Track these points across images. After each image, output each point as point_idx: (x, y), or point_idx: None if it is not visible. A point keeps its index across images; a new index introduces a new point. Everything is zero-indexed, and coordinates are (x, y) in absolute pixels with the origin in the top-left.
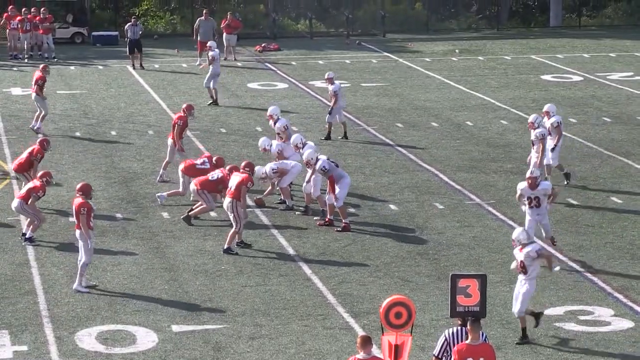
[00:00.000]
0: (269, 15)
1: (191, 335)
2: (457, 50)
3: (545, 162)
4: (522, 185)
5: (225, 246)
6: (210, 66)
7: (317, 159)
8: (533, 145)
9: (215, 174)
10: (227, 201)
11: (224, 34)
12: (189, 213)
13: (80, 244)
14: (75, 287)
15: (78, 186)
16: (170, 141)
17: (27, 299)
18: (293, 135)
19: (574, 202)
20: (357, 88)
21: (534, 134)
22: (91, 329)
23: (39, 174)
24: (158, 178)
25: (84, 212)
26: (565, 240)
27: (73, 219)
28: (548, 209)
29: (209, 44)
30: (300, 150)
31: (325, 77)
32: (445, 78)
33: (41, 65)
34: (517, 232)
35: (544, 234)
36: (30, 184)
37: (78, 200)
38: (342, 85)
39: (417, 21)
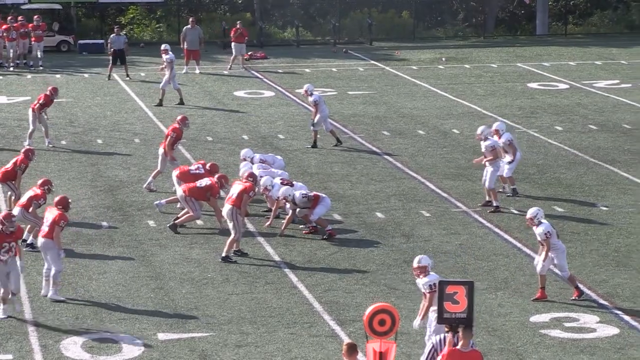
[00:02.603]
0: (256, 23)
1: (177, 343)
2: (443, 59)
3: (498, 172)
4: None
5: (224, 254)
6: (166, 70)
7: (293, 195)
8: (485, 157)
9: (204, 181)
10: (227, 208)
11: (233, 44)
12: (175, 221)
13: (52, 253)
14: (51, 296)
15: (57, 199)
16: (161, 150)
17: (12, 307)
18: (243, 150)
19: (560, 210)
20: (344, 96)
21: (483, 146)
22: (77, 337)
23: (40, 181)
24: (145, 185)
25: (63, 225)
26: None
27: (42, 227)
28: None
29: (163, 46)
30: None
31: (303, 91)
32: (432, 86)
33: (50, 87)
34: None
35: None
36: (30, 192)
37: (56, 211)
38: (326, 94)
39: (404, 29)
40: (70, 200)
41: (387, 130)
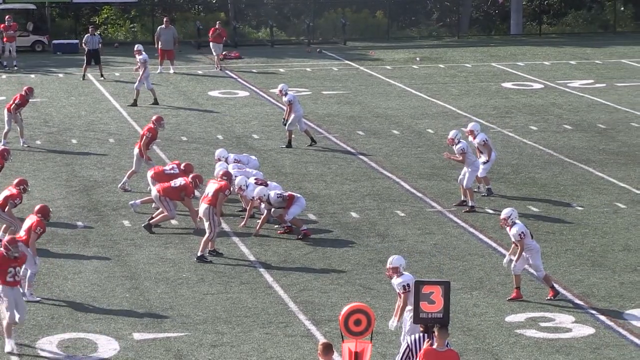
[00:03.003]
0: (230, 23)
1: (152, 343)
2: (418, 58)
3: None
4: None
5: (199, 253)
6: (141, 70)
7: (268, 195)
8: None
9: (178, 181)
10: (203, 207)
11: (212, 44)
12: (150, 221)
13: (27, 255)
14: (27, 298)
15: (38, 207)
16: (136, 151)
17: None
18: (218, 150)
19: (535, 210)
20: (318, 96)
21: (455, 149)
22: (52, 337)
23: (15, 181)
24: (120, 185)
25: (39, 231)
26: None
27: (20, 232)
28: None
29: (136, 47)
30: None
31: (277, 91)
32: (406, 86)
33: (26, 87)
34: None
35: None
36: (6, 192)
37: (35, 218)
38: (301, 94)
39: (378, 29)
40: (51, 210)
41: (362, 130)
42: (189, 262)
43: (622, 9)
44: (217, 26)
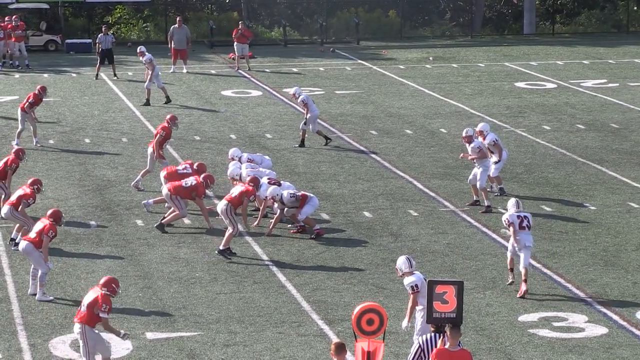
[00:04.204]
0: (243, 22)
1: (165, 342)
2: (431, 58)
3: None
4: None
5: (221, 247)
6: (149, 69)
7: (281, 195)
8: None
9: (190, 180)
10: (222, 204)
11: (236, 44)
12: (162, 221)
13: (33, 257)
14: (39, 297)
15: (50, 212)
16: (150, 150)
17: (0, 306)
18: (231, 149)
19: (548, 209)
20: (331, 95)
21: (469, 148)
22: (65, 336)
23: (29, 181)
24: (133, 182)
25: (51, 235)
26: (539, 247)
27: (30, 233)
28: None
29: (139, 49)
30: (234, 160)
31: (291, 94)
32: (419, 85)
33: (39, 87)
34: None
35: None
36: (20, 191)
37: (46, 221)
38: (314, 93)
39: (391, 28)
40: (63, 216)
41: (375, 129)
42: (202, 261)
43: (635, 8)
44: (239, 26)
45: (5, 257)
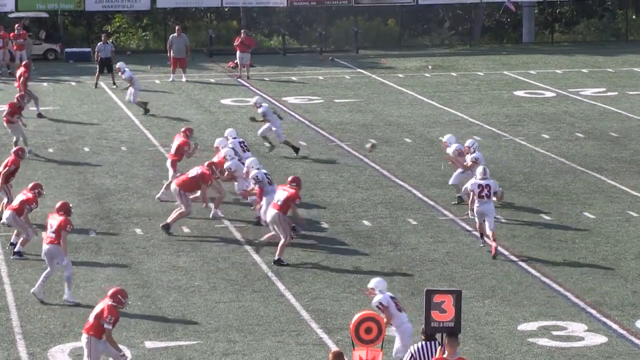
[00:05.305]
0: (245, 31)
1: (164, 351)
2: (430, 66)
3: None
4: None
5: (276, 257)
6: (130, 86)
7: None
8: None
9: (194, 170)
10: (271, 213)
11: (238, 52)
12: (168, 221)
13: (59, 259)
14: (67, 298)
15: (58, 205)
16: (169, 162)
17: (0, 315)
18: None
19: (547, 218)
20: (331, 104)
21: (469, 158)
22: (64, 345)
23: (30, 185)
24: (157, 195)
25: (70, 229)
26: (538, 256)
27: (47, 234)
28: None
29: (117, 65)
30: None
31: (252, 104)
32: (418, 94)
33: (18, 95)
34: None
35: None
36: (21, 196)
37: (60, 217)
38: (313, 102)
39: (390, 37)
40: (71, 206)
41: (374, 138)
42: (201, 270)
43: (634, 17)
44: (241, 35)
45: (4, 265)
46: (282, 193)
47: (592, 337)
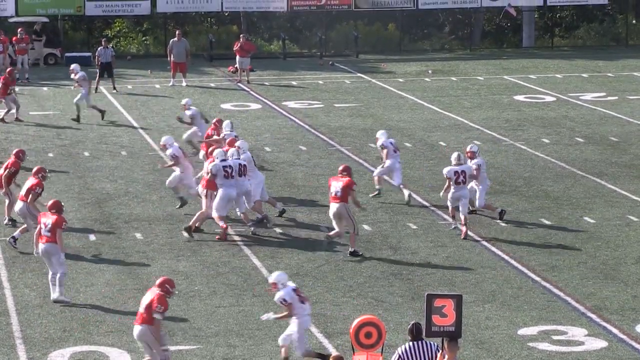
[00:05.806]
0: (244, 36)
1: None
2: (430, 71)
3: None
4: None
5: (351, 249)
6: (82, 88)
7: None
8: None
9: (205, 169)
10: (334, 207)
11: (237, 57)
12: (191, 223)
13: (55, 257)
14: (57, 297)
15: (50, 203)
16: (202, 153)
17: (0, 320)
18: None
19: (547, 222)
20: (331, 108)
21: (473, 164)
22: (64, 349)
23: (34, 170)
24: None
25: (64, 226)
26: (538, 260)
27: (42, 233)
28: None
29: (71, 67)
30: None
31: (182, 105)
32: (419, 98)
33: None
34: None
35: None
36: (27, 183)
37: (53, 216)
38: (313, 106)
39: (390, 42)
40: (62, 204)
41: (374, 142)
42: (201, 274)
43: (634, 22)
44: (240, 40)
45: (4, 270)
46: (337, 184)
47: (593, 341)
